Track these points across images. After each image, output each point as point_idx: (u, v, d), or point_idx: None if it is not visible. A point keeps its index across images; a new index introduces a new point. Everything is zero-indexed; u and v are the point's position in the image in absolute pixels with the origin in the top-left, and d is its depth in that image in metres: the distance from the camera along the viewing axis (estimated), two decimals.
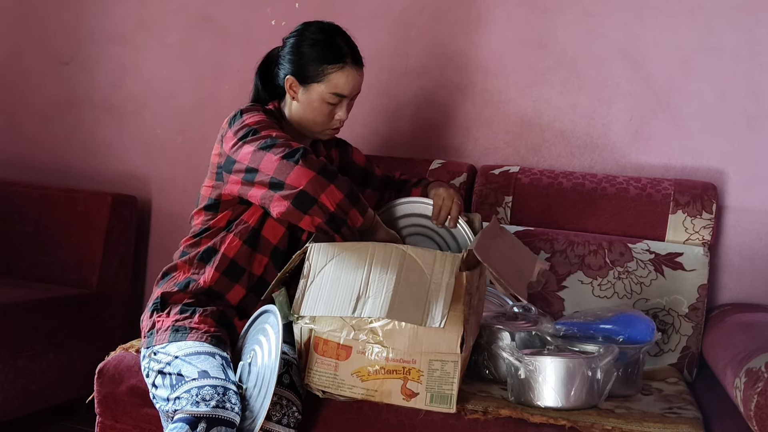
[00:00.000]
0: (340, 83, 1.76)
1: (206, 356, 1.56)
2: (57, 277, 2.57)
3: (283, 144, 1.61)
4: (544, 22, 2.37)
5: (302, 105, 1.79)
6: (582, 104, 2.35)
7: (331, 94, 1.76)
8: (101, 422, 1.77)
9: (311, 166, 1.57)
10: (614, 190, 2.18)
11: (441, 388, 1.55)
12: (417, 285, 1.52)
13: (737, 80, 2.22)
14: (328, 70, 1.75)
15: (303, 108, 1.80)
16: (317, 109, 1.78)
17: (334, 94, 1.77)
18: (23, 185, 2.72)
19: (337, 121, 1.81)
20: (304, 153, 1.59)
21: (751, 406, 1.42)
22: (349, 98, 1.81)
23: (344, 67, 1.76)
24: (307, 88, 1.78)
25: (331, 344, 1.58)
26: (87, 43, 2.85)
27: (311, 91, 1.77)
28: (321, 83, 1.76)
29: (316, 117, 1.79)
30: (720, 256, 2.24)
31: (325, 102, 1.77)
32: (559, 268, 2.11)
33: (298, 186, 1.56)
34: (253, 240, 1.75)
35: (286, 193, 1.57)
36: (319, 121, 1.80)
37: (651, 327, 1.79)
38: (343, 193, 1.59)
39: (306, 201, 1.57)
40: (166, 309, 1.71)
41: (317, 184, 1.57)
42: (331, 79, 1.76)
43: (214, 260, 1.74)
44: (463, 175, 2.30)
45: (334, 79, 1.76)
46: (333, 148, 1.99)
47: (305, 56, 1.77)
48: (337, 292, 1.55)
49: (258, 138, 1.65)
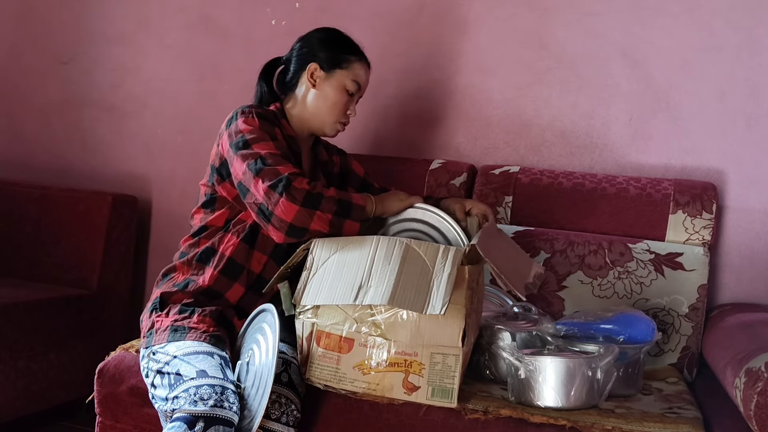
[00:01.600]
0: (360, 73, 1.86)
1: (204, 356, 1.56)
2: (57, 277, 2.57)
3: (269, 171, 1.62)
4: (544, 22, 2.38)
5: (322, 93, 1.84)
6: (582, 104, 2.35)
7: (353, 81, 1.85)
8: (101, 422, 1.77)
9: (294, 199, 1.58)
10: (614, 190, 2.18)
11: (442, 381, 1.55)
12: (419, 275, 1.53)
13: (737, 80, 2.22)
14: (351, 59, 1.85)
15: (322, 96, 1.84)
16: (336, 97, 1.84)
17: (355, 82, 1.85)
18: (23, 185, 2.72)
19: (348, 116, 1.88)
20: (287, 184, 1.59)
21: (751, 406, 1.42)
22: (360, 94, 1.89)
23: (362, 60, 1.88)
24: (330, 75, 1.84)
25: (334, 337, 1.59)
26: (87, 43, 2.85)
27: (334, 78, 1.84)
28: (345, 70, 1.84)
29: (334, 106, 1.84)
30: (720, 256, 2.24)
31: (345, 90, 1.84)
32: (559, 268, 2.11)
33: (286, 220, 1.60)
34: (251, 238, 1.75)
35: (277, 225, 1.61)
36: (336, 111, 1.84)
37: (651, 327, 1.79)
38: (331, 213, 1.61)
39: (298, 231, 1.61)
40: (165, 309, 1.71)
41: (303, 216, 1.59)
42: (354, 67, 1.85)
43: (212, 260, 1.75)
44: (463, 175, 2.30)
45: (356, 68, 1.85)
46: (335, 154, 2.02)
47: (331, 45, 1.86)
48: (339, 282, 1.56)
49: (248, 156, 1.66)
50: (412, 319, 1.55)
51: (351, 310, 1.58)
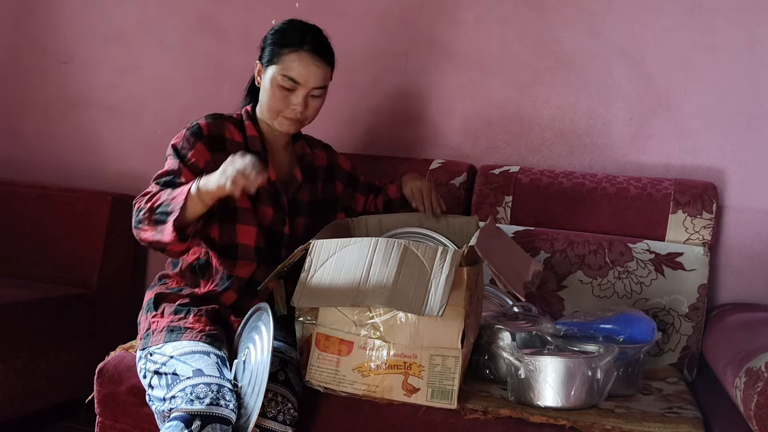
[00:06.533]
0: (293, 66, 1.78)
1: (201, 355, 1.56)
2: (57, 277, 2.57)
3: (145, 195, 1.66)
4: (544, 22, 2.37)
5: (263, 89, 1.84)
6: (582, 104, 2.35)
7: (283, 76, 1.78)
8: (101, 422, 1.77)
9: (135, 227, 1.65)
10: (614, 189, 2.18)
11: (442, 383, 1.55)
12: (417, 277, 1.53)
13: (737, 80, 2.22)
14: (284, 53, 1.79)
15: (263, 92, 1.84)
16: (270, 91, 1.81)
17: (286, 77, 1.78)
18: (23, 185, 2.71)
19: (292, 110, 1.80)
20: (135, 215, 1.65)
21: (751, 405, 1.42)
22: (306, 89, 1.80)
23: (300, 53, 1.78)
24: (266, 71, 1.82)
25: (333, 340, 1.59)
26: (87, 42, 2.85)
27: (267, 73, 1.82)
28: (276, 64, 1.79)
29: (270, 101, 1.81)
30: (720, 256, 2.24)
31: (277, 84, 1.79)
32: (559, 268, 2.11)
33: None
34: (229, 251, 1.77)
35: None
36: (272, 106, 1.81)
37: (651, 327, 1.79)
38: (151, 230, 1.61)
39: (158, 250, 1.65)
40: (160, 309, 1.73)
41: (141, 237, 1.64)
42: (284, 60, 1.79)
43: (203, 272, 1.79)
44: (463, 175, 2.30)
45: (287, 61, 1.78)
46: (319, 149, 2.00)
47: (267, 40, 1.84)
48: (337, 284, 1.56)
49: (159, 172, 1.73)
50: (411, 321, 1.55)
51: (350, 312, 1.58)
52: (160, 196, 1.61)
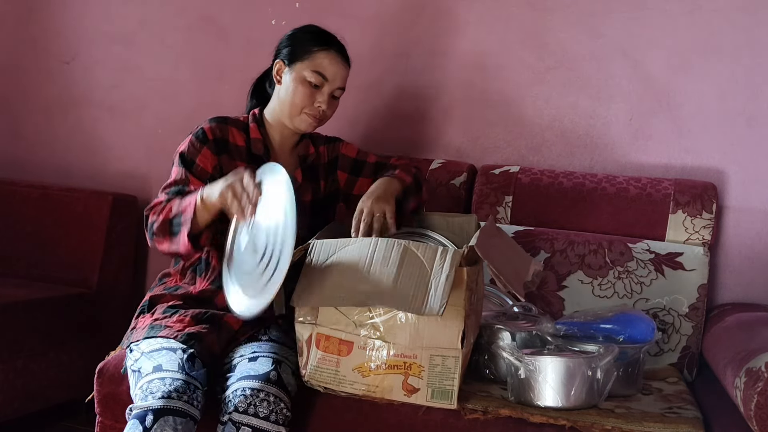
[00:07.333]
0: (324, 63, 1.83)
1: (167, 351, 1.58)
2: (57, 277, 2.56)
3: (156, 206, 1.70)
4: (545, 22, 2.37)
5: (285, 87, 1.84)
6: (582, 104, 2.35)
7: (314, 72, 1.81)
8: (101, 422, 1.77)
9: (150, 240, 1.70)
10: (614, 189, 2.18)
11: (442, 383, 1.55)
12: (417, 277, 1.53)
13: (737, 80, 2.22)
14: (314, 50, 1.83)
15: (285, 90, 1.84)
16: (298, 88, 1.82)
17: (317, 73, 1.81)
18: (23, 185, 2.71)
19: (316, 108, 1.83)
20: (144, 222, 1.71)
21: (751, 406, 1.42)
22: (331, 87, 1.83)
23: (330, 51, 1.84)
24: (292, 68, 1.84)
25: (333, 340, 1.59)
26: (88, 42, 2.85)
27: (294, 70, 1.83)
28: (305, 61, 1.82)
29: (296, 98, 1.82)
30: (720, 256, 2.24)
31: (306, 81, 1.82)
32: (559, 267, 2.11)
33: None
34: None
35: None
36: (297, 102, 1.82)
37: (651, 327, 1.79)
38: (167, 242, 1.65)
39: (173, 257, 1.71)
40: (153, 310, 1.74)
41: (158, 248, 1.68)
42: (315, 57, 1.83)
43: (203, 270, 1.79)
44: (463, 175, 2.30)
45: (318, 59, 1.83)
46: (322, 144, 2.00)
47: (296, 39, 1.86)
48: (337, 284, 1.56)
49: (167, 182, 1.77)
50: (411, 321, 1.55)
51: (350, 312, 1.58)
52: (171, 207, 1.65)
